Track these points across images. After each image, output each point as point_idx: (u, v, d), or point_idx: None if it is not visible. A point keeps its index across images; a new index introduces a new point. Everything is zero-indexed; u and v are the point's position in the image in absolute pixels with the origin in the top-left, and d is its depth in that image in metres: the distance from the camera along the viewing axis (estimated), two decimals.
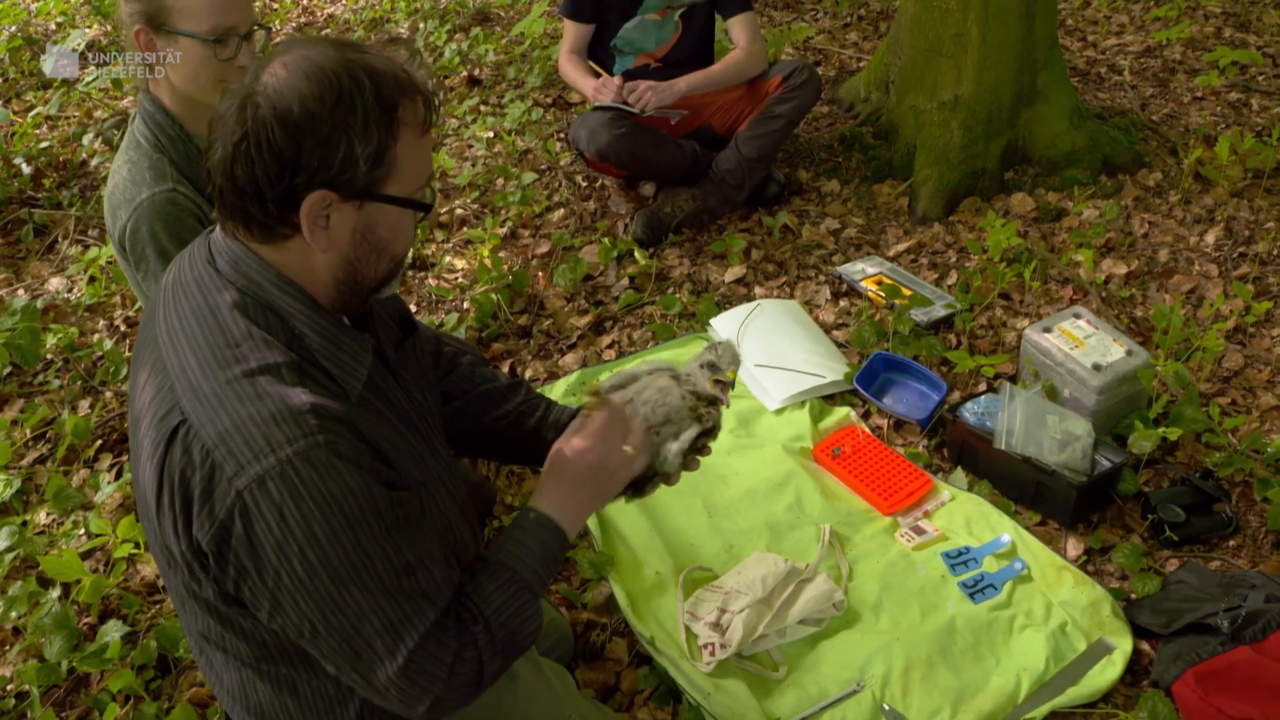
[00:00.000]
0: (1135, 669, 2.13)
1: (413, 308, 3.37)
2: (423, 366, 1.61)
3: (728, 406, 1.64)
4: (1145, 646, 2.17)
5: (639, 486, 1.60)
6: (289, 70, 1.21)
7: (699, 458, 1.63)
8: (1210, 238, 3.38)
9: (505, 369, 3.05)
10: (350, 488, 1.19)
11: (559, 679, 1.79)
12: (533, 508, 1.48)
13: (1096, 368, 2.56)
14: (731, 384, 1.60)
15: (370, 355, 1.36)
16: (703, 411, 1.59)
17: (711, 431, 1.61)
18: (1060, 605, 2.22)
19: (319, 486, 1.17)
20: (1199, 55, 4.57)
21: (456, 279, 3.46)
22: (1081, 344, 2.63)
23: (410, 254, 1.42)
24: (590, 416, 1.52)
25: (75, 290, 3.58)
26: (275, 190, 1.22)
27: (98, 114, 4.71)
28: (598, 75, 3.52)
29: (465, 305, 3.30)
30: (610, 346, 3.11)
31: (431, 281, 3.47)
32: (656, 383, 1.60)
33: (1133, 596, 2.27)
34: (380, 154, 1.24)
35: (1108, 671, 2.09)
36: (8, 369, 3.15)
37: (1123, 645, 2.14)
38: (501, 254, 3.50)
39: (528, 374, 3.02)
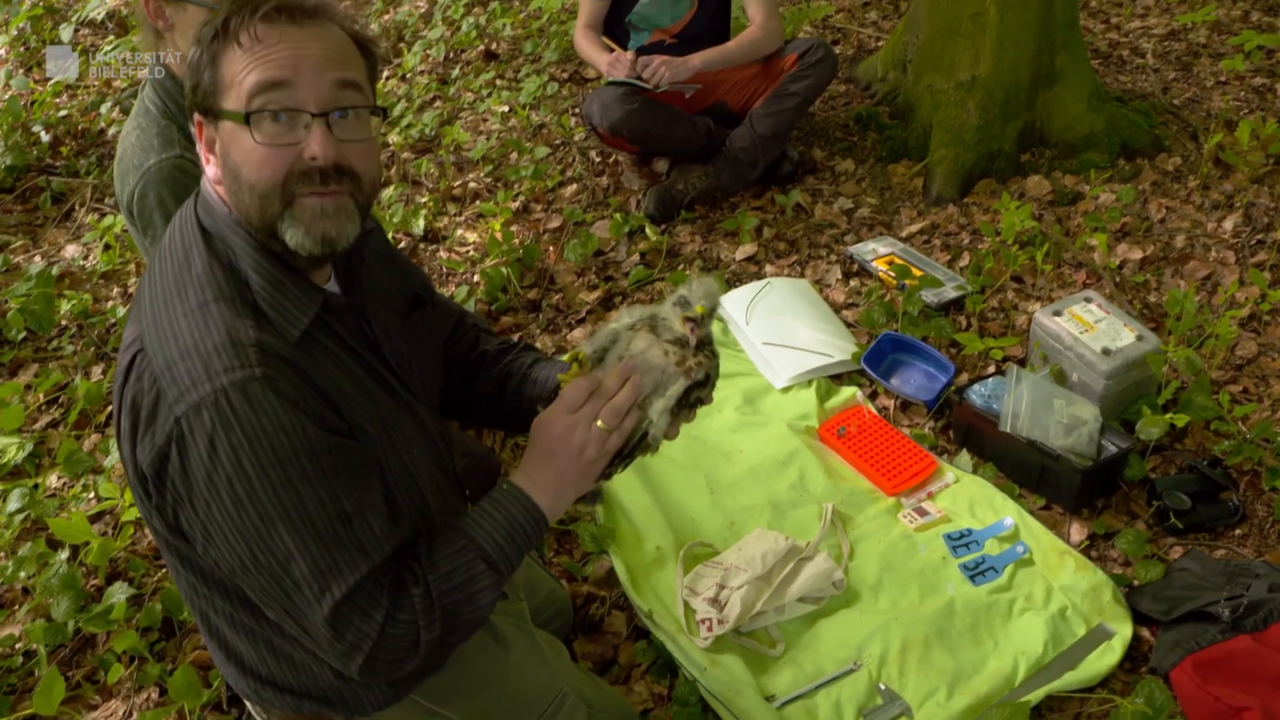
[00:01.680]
0: (1134, 655, 2.13)
1: None
2: (428, 342, 1.61)
3: (695, 345, 1.46)
4: (1145, 633, 2.16)
5: (630, 452, 1.48)
6: None
7: (696, 410, 1.52)
8: (1228, 224, 3.34)
9: None
10: (283, 424, 1.18)
11: (554, 651, 1.79)
12: (507, 479, 1.45)
13: (1106, 352, 2.54)
14: (700, 320, 1.43)
15: (314, 308, 1.32)
16: (690, 364, 1.46)
17: (704, 383, 1.48)
18: (1061, 590, 2.21)
19: (250, 419, 1.17)
20: (1224, 39, 4.51)
21: (468, 252, 3.47)
22: (1091, 328, 2.61)
23: (338, 217, 1.31)
24: (564, 387, 1.45)
25: (90, 257, 3.61)
26: (190, 120, 1.31)
27: (116, 83, 4.73)
28: (612, 50, 3.51)
29: (475, 278, 3.31)
30: None
31: (443, 254, 3.48)
32: (635, 344, 1.47)
33: (1135, 583, 2.26)
34: (199, 65, 1.26)
35: (1106, 657, 2.09)
36: (23, 334, 3.18)
37: (1122, 631, 2.13)
38: (513, 228, 3.50)
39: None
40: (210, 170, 1.32)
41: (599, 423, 1.41)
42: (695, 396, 1.48)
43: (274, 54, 1.25)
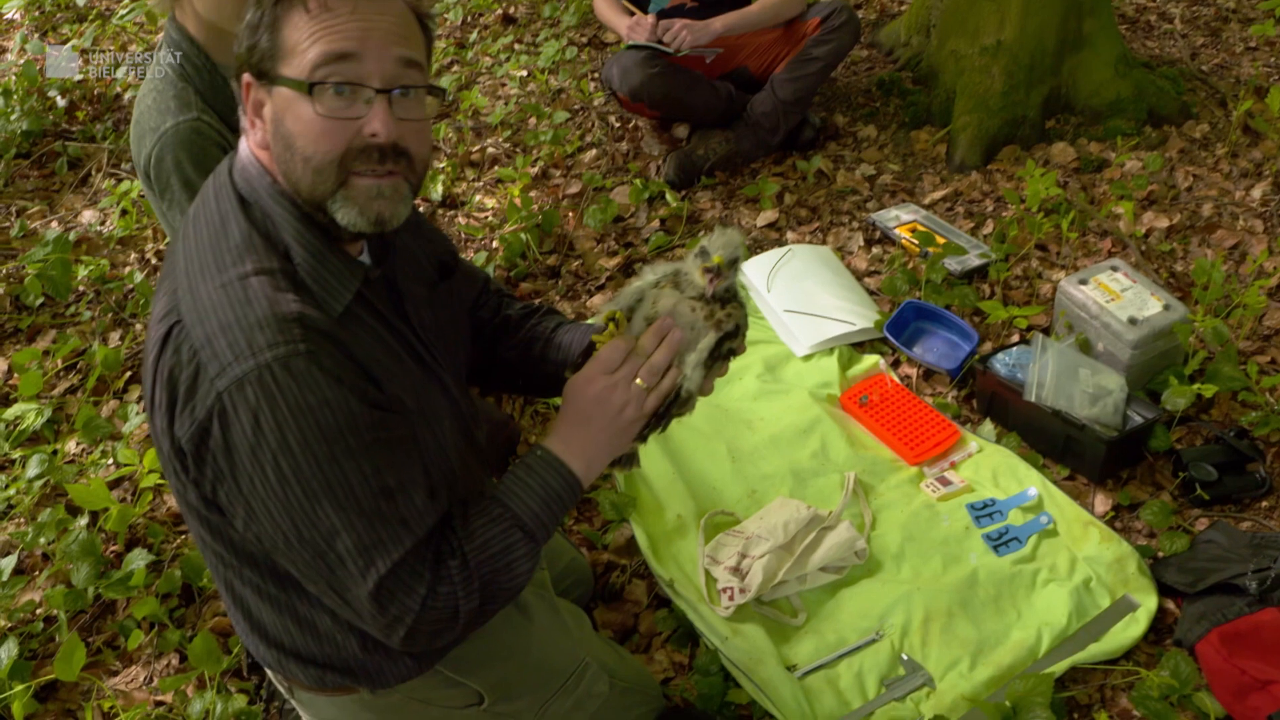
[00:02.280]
0: (1159, 627, 2.10)
1: None
2: (455, 311, 1.59)
3: (717, 297, 1.44)
4: (1170, 605, 2.14)
5: (666, 412, 1.47)
6: None
7: (729, 361, 1.51)
8: (1257, 192, 3.29)
9: None
10: (327, 399, 1.17)
11: (575, 621, 1.78)
12: (540, 444, 1.43)
13: (1132, 321, 2.50)
14: (718, 270, 1.41)
15: (356, 282, 1.31)
16: (720, 315, 1.44)
17: (735, 333, 1.47)
18: (1085, 561, 2.19)
19: (296, 395, 1.16)
20: (1254, 3, 4.43)
21: (486, 218, 3.44)
22: (1118, 297, 2.58)
23: (392, 197, 1.29)
24: (600, 347, 1.43)
25: (107, 223, 3.60)
26: (237, 81, 1.27)
27: (132, 47, 4.69)
28: (632, 14, 3.46)
29: (494, 244, 3.28)
30: None
31: (462, 220, 3.45)
32: (663, 302, 1.45)
33: (1160, 554, 2.24)
34: (257, 26, 1.23)
35: (1131, 629, 2.07)
36: (40, 300, 3.18)
37: (1147, 603, 2.11)
38: (532, 193, 3.47)
39: None
40: (254, 135, 1.29)
41: (638, 381, 1.39)
42: (728, 348, 1.47)
43: (342, 24, 1.22)
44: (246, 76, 1.27)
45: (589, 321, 1.69)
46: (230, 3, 2.00)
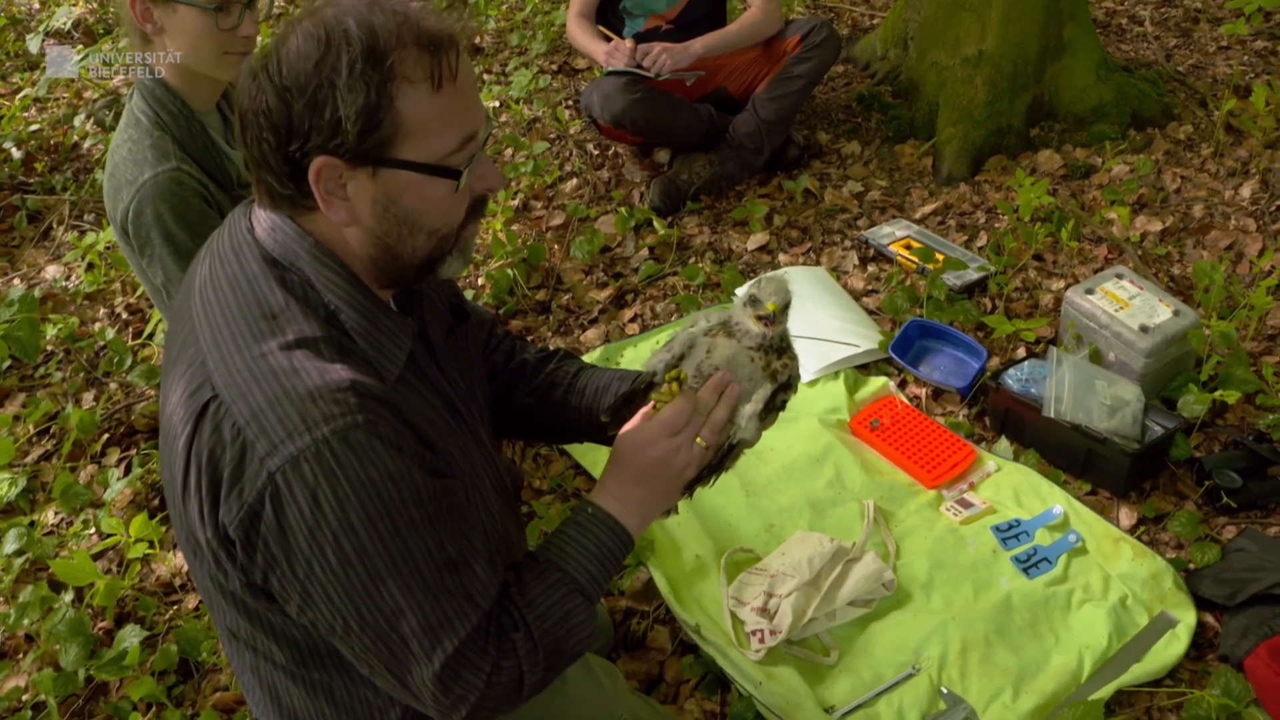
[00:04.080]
0: (1200, 643, 2.04)
1: None
2: (471, 356, 1.51)
3: (769, 343, 1.41)
4: (1209, 619, 2.08)
5: (719, 465, 1.44)
6: (296, 30, 1.11)
7: (779, 414, 1.47)
8: (1245, 191, 3.27)
9: None
10: (390, 472, 1.09)
11: (608, 676, 1.70)
12: (591, 502, 1.36)
13: (1144, 329, 2.45)
14: (773, 317, 1.39)
15: (410, 339, 1.25)
16: (776, 366, 1.42)
17: (789, 384, 1.45)
18: (1119, 578, 2.13)
19: (357, 470, 1.08)
20: (1221, 3, 4.44)
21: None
22: (1126, 305, 2.53)
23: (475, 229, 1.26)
24: (660, 406, 1.37)
25: (73, 278, 3.46)
26: (279, 158, 1.13)
27: (88, 94, 4.57)
28: (608, 39, 3.39)
29: (480, 281, 3.19)
30: (633, 320, 3.00)
31: None
32: (719, 351, 1.42)
33: (1191, 566, 2.18)
34: (373, 112, 1.10)
35: (1172, 646, 2.01)
36: (7, 362, 3.04)
37: (1186, 619, 2.05)
38: (515, 227, 3.38)
39: None
40: (337, 214, 1.16)
41: (699, 440, 1.34)
42: (781, 399, 1.44)
43: (466, 100, 1.17)
44: (326, 159, 1.12)
45: (618, 367, 1.63)
46: (207, 46, 1.91)
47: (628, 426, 1.40)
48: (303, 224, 1.19)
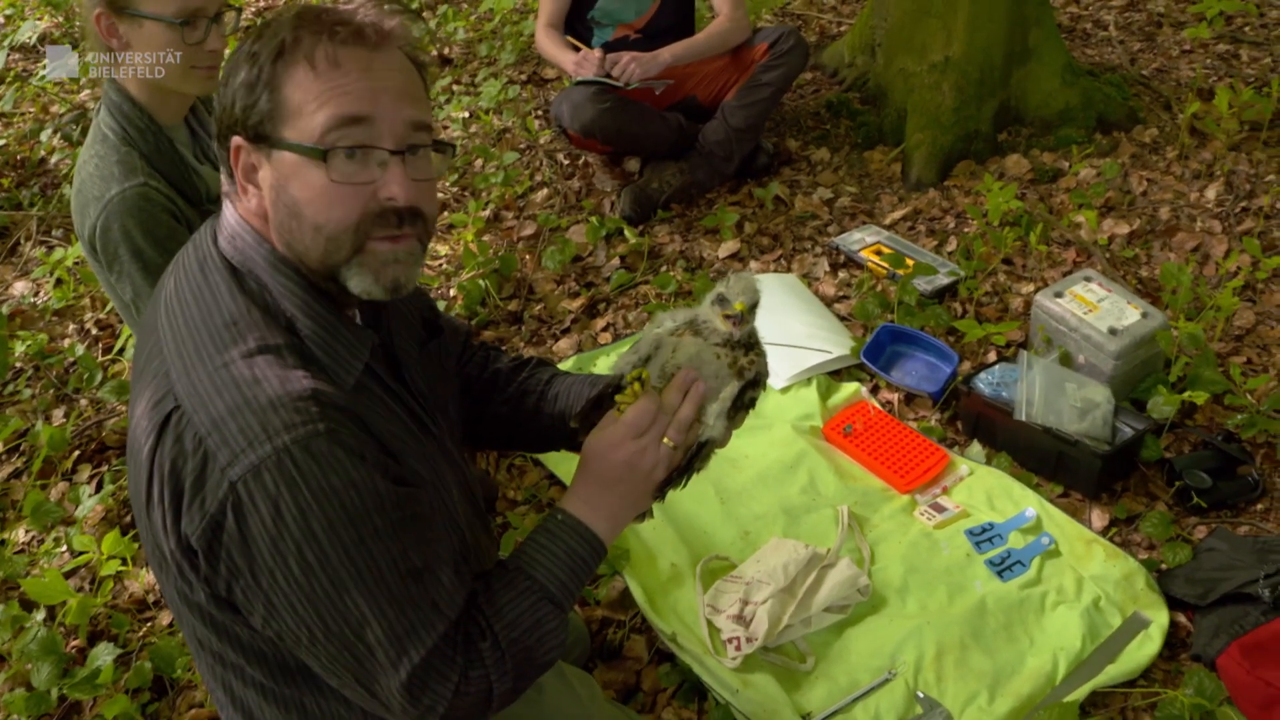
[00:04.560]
0: (1172, 642, 2.06)
1: None
2: (446, 369, 1.51)
3: (738, 340, 1.39)
4: (1181, 619, 2.10)
5: (689, 465, 1.42)
6: None
7: (748, 412, 1.44)
8: (1211, 193, 3.31)
9: None
10: (353, 480, 1.09)
11: (585, 687, 1.69)
12: (561, 509, 1.35)
13: (1113, 332, 2.48)
14: (741, 316, 1.36)
15: (367, 351, 1.24)
16: (743, 363, 1.39)
17: (757, 381, 1.42)
18: (1092, 580, 2.15)
19: (319, 477, 1.07)
20: (1184, 7, 4.50)
21: (441, 265, 3.34)
22: (1095, 308, 2.55)
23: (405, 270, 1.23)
24: (623, 409, 1.35)
25: (42, 294, 3.43)
26: (220, 146, 1.18)
27: (54, 109, 4.53)
28: (577, 50, 3.40)
29: (452, 293, 3.18)
30: (605, 329, 3.01)
31: None
32: (684, 350, 1.39)
33: (1164, 567, 2.20)
34: (254, 85, 1.13)
35: (1146, 647, 2.03)
36: None
37: (1159, 619, 2.07)
38: (486, 238, 3.38)
39: None
40: (246, 201, 1.20)
41: (666, 440, 1.32)
42: (749, 397, 1.42)
43: (353, 84, 1.14)
44: (238, 139, 1.17)
45: (596, 371, 1.61)
46: (174, 63, 1.89)
47: (595, 431, 1.38)
48: (260, 228, 1.21)
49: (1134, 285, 2.95)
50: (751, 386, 1.41)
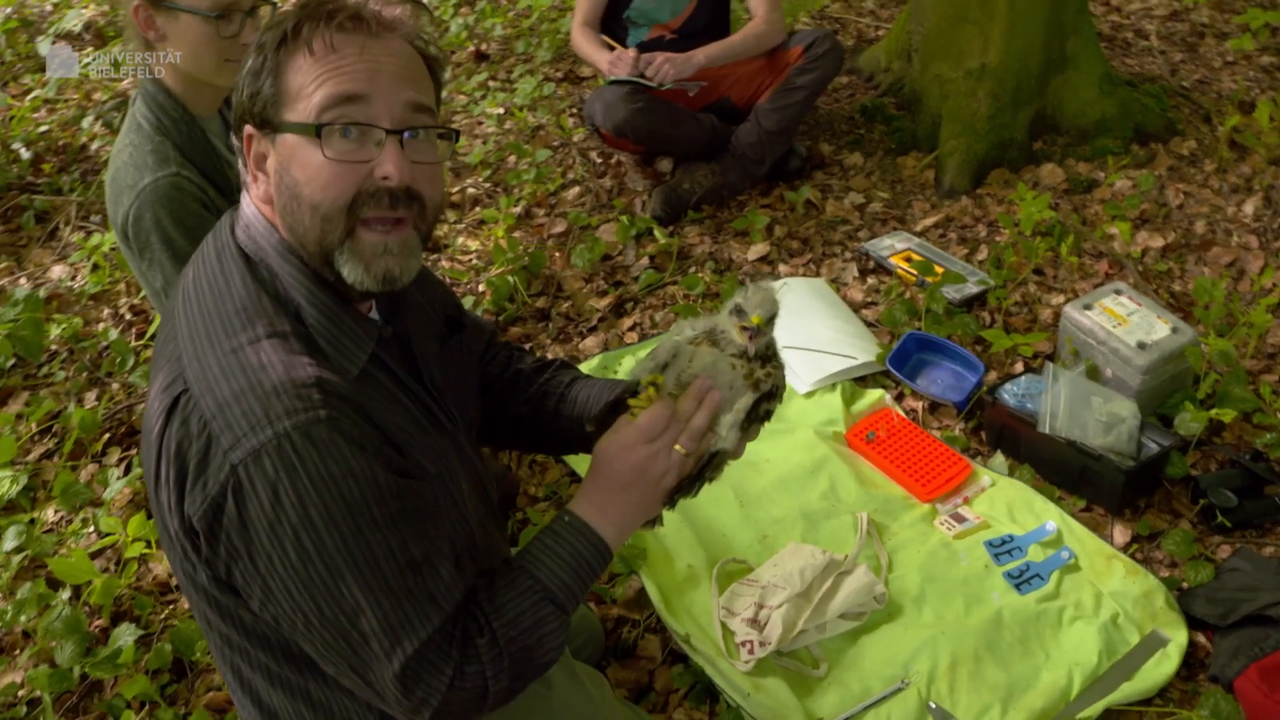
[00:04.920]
0: (1191, 662, 2.04)
1: None
2: (467, 365, 1.52)
3: (753, 355, 1.39)
4: (1201, 638, 2.08)
5: (700, 474, 1.41)
6: None
7: (763, 425, 1.45)
8: (1249, 208, 3.27)
9: None
10: (352, 469, 1.10)
11: (595, 685, 1.70)
12: (569, 511, 1.35)
13: (1141, 346, 2.45)
14: (758, 330, 1.36)
15: (372, 343, 1.25)
16: (759, 375, 1.39)
17: (773, 394, 1.41)
18: (1111, 596, 2.13)
19: (318, 465, 1.09)
20: (1228, 18, 4.44)
21: (471, 260, 3.36)
22: (1125, 321, 2.53)
23: (401, 261, 1.25)
24: (636, 413, 1.35)
25: (79, 278, 3.48)
26: (237, 138, 1.22)
27: (97, 96, 4.60)
28: (611, 49, 3.40)
29: (481, 288, 3.20)
30: (632, 329, 3.01)
31: (445, 264, 3.37)
32: (700, 359, 1.39)
33: (1185, 585, 2.18)
34: (259, 73, 1.17)
35: (1163, 665, 2.00)
36: (11, 361, 3.06)
37: (1177, 638, 2.05)
38: (516, 234, 3.40)
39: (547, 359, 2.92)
40: (258, 189, 1.23)
41: (678, 447, 1.33)
42: (765, 409, 1.42)
43: (349, 65, 1.17)
44: (248, 128, 1.21)
45: (616, 376, 1.62)
46: (209, 54, 1.92)
47: (608, 435, 1.38)
48: (269, 215, 1.24)
49: (1166, 299, 2.92)
50: (767, 399, 1.41)
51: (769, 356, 1.42)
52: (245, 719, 1.41)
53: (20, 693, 2.15)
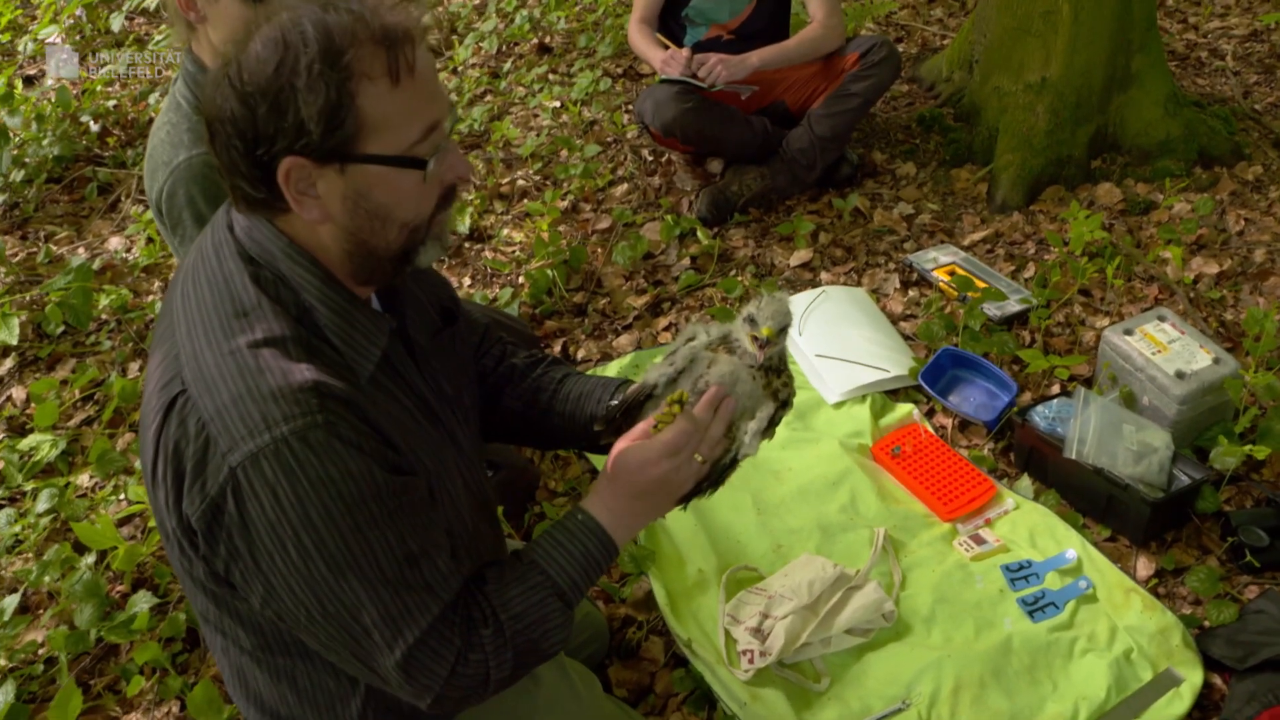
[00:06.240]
0: (1205, 704, 1.98)
1: (467, 281, 3.30)
2: (461, 358, 1.53)
3: (760, 365, 1.41)
4: (1217, 680, 2.02)
5: (718, 479, 1.47)
6: (256, 35, 1.13)
7: (774, 430, 1.49)
8: None
9: (557, 348, 2.97)
10: (349, 471, 1.13)
11: (584, 682, 1.71)
12: (582, 509, 1.39)
13: (1180, 375, 2.39)
14: (768, 341, 1.38)
15: (385, 337, 1.27)
16: (777, 385, 1.44)
17: (786, 403, 1.47)
18: (1126, 630, 2.08)
19: (316, 468, 1.11)
20: None
21: (513, 252, 3.38)
22: (1165, 349, 2.46)
23: (453, 221, 1.31)
24: (661, 426, 1.38)
25: (133, 250, 3.57)
26: (248, 163, 1.15)
27: (168, 73, 4.70)
28: (667, 47, 3.40)
29: (520, 280, 3.22)
30: (668, 328, 3.01)
31: (489, 254, 3.39)
32: (719, 368, 1.42)
33: (1206, 624, 2.12)
34: (334, 111, 1.11)
35: (1174, 705, 1.95)
36: (61, 328, 3.15)
37: (1192, 678, 1.99)
38: (560, 228, 3.41)
39: (580, 354, 2.93)
40: (310, 213, 1.18)
41: (697, 456, 1.38)
42: (779, 416, 1.46)
43: (429, 88, 1.19)
44: (290, 160, 1.13)
45: (616, 374, 1.64)
46: None
47: (626, 440, 1.40)
48: (279, 225, 1.22)
49: (1215, 327, 2.84)
50: (783, 407, 1.46)
51: (780, 368, 1.45)
52: (236, 700, 1.45)
53: (40, 651, 2.21)
